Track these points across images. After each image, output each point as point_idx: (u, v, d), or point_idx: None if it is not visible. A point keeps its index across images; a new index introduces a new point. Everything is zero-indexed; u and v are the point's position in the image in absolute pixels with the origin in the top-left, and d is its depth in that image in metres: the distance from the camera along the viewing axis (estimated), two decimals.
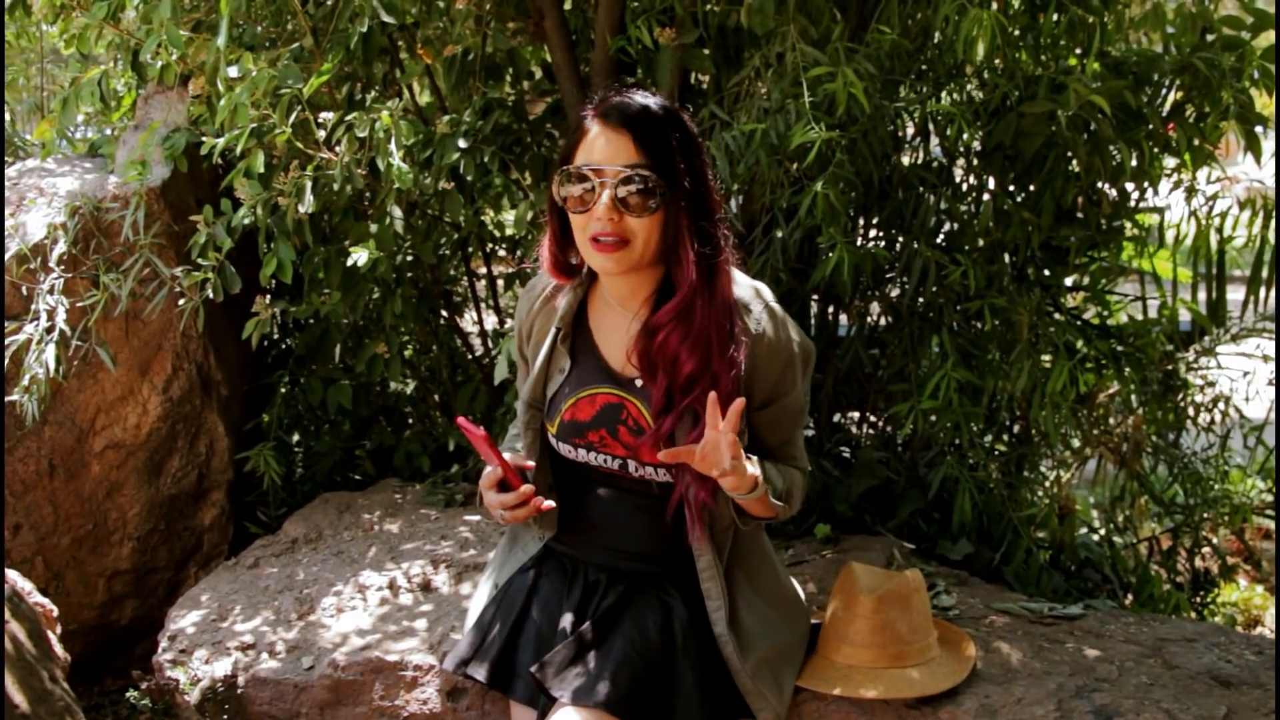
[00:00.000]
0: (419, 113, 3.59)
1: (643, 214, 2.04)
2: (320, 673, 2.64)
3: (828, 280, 2.97)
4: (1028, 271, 3.36)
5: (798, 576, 2.78)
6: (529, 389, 2.32)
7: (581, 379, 2.26)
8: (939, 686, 2.31)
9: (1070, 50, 3.12)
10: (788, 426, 2.26)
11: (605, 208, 2.04)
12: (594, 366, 2.26)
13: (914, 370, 3.26)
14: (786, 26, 2.87)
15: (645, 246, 2.08)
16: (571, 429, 2.26)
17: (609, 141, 2.06)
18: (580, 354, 2.28)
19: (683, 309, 2.09)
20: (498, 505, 2.17)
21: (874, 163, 3.02)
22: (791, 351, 2.21)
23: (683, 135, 2.10)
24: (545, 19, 3.33)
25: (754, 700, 2.23)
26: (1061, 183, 3.08)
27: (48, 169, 3.60)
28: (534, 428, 2.34)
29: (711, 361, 2.10)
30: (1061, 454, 3.77)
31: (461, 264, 3.96)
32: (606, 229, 2.05)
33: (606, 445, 2.24)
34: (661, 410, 2.15)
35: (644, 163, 2.04)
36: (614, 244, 2.07)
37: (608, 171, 2.04)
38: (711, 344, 2.09)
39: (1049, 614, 2.74)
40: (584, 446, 2.26)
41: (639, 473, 2.24)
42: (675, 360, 2.10)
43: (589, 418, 2.25)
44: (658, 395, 2.15)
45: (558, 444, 2.30)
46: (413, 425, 4.09)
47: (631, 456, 2.22)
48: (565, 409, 2.26)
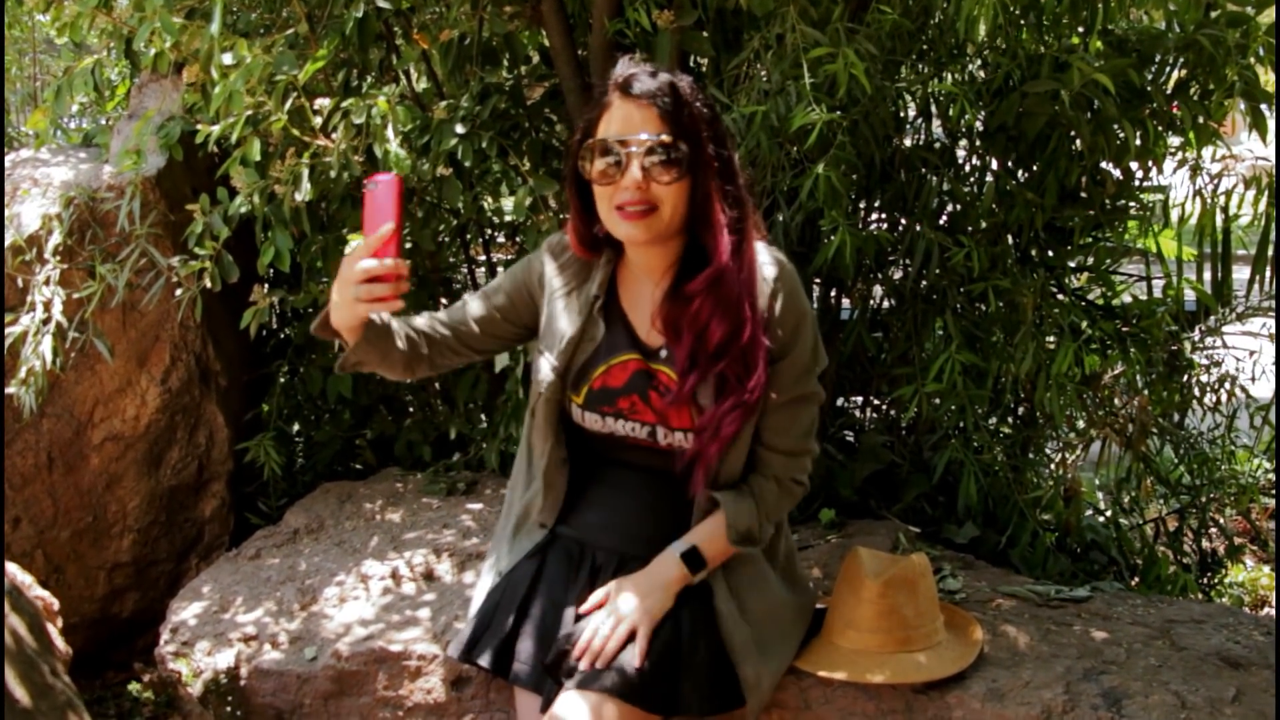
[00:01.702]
0: (416, 99, 3.56)
1: (671, 182, 2.08)
2: (323, 663, 2.62)
3: (830, 263, 2.95)
4: (1031, 253, 3.34)
5: (803, 561, 2.76)
6: (559, 356, 2.28)
7: (612, 346, 2.27)
8: (946, 671, 2.29)
9: (1073, 28, 3.10)
10: (790, 385, 2.25)
11: (631, 178, 2.07)
12: (623, 335, 2.28)
13: (918, 353, 3.24)
14: (786, 8, 2.84)
15: (673, 214, 2.11)
16: (602, 396, 2.27)
17: (633, 114, 2.09)
18: (610, 324, 2.29)
19: (715, 277, 2.12)
20: (363, 275, 2.05)
21: (876, 144, 3.00)
22: (804, 310, 2.25)
23: (703, 105, 2.13)
24: (542, 2, 3.30)
25: (746, 679, 2.22)
26: (1065, 162, 3.06)
27: (42, 159, 3.58)
28: (558, 399, 2.31)
29: (742, 329, 2.13)
30: (1066, 436, 3.75)
31: (460, 251, 3.94)
32: (634, 197, 2.08)
33: (637, 411, 2.25)
34: (685, 372, 2.17)
35: (669, 131, 2.07)
36: (641, 212, 2.10)
37: (633, 142, 2.07)
38: (742, 311, 2.13)
39: (1056, 597, 2.72)
40: (613, 414, 2.26)
41: (666, 440, 2.25)
42: (705, 328, 2.13)
43: (620, 384, 2.26)
44: (682, 356, 2.17)
45: (583, 414, 2.29)
46: (413, 414, 4.07)
47: (660, 422, 2.23)
48: (596, 376, 2.27)
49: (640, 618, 2.13)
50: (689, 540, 2.24)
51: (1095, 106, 2.93)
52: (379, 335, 2.22)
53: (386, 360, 2.27)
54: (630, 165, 2.07)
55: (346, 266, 2.08)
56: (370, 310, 2.11)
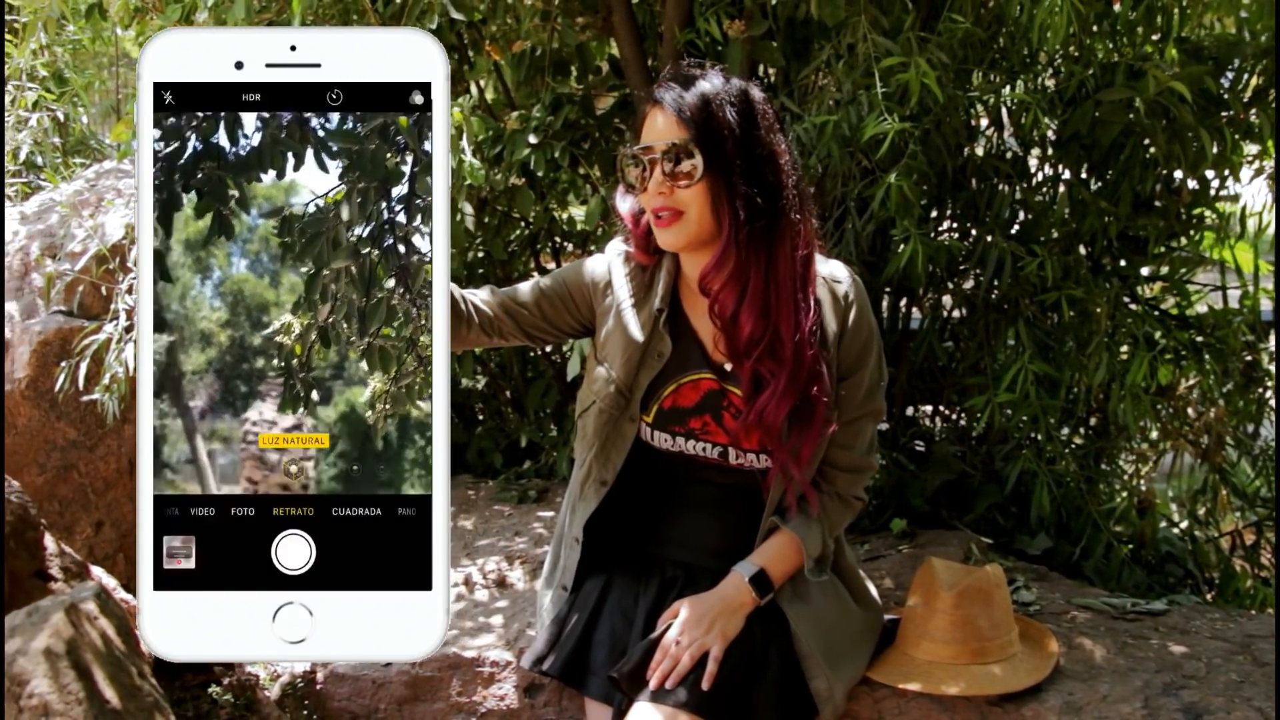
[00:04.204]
0: (488, 109, 3.59)
1: (689, 185, 2.07)
2: (398, 669, 2.65)
3: (901, 273, 2.94)
4: (1104, 262, 3.31)
5: (874, 571, 2.76)
6: (620, 370, 2.25)
7: (682, 364, 2.25)
8: (1022, 683, 2.27)
9: (1147, 36, 3.07)
10: (860, 402, 2.24)
11: (655, 183, 2.09)
12: (694, 352, 2.25)
13: (989, 363, 3.22)
14: (857, 17, 2.84)
15: (699, 217, 2.10)
16: (672, 416, 2.25)
17: (656, 120, 2.11)
18: (678, 339, 2.26)
19: (720, 264, 2.10)
20: None
21: (947, 153, 2.99)
22: (873, 326, 2.25)
23: (736, 107, 2.10)
24: (613, 13, 3.32)
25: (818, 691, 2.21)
26: (1140, 171, 3.03)
27: (124, 170, 3.65)
28: (613, 414, 2.28)
29: (777, 323, 2.10)
30: (1140, 447, 3.71)
31: (531, 259, 3.96)
32: (660, 204, 2.10)
33: (709, 432, 2.23)
34: (750, 393, 2.15)
35: (686, 136, 2.06)
36: (669, 217, 2.10)
37: (655, 149, 2.08)
38: (770, 304, 2.10)
39: (1132, 609, 2.70)
40: (684, 434, 2.25)
41: (738, 460, 2.24)
42: (735, 320, 2.11)
43: (692, 403, 2.24)
44: (745, 377, 2.15)
45: (652, 433, 2.27)
46: (484, 422, 4.10)
47: (733, 443, 2.22)
48: (666, 395, 2.25)
49: (713, 639, 2.12)
50: (756, 563, 2.22)
51: (1171, 114, 2.91)
52: None
53: None
54: (652, 172, 2.09)
55: None
56: None
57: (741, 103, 2.11)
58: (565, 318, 2.34)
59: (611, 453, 2.30)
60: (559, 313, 2.33)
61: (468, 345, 2.35)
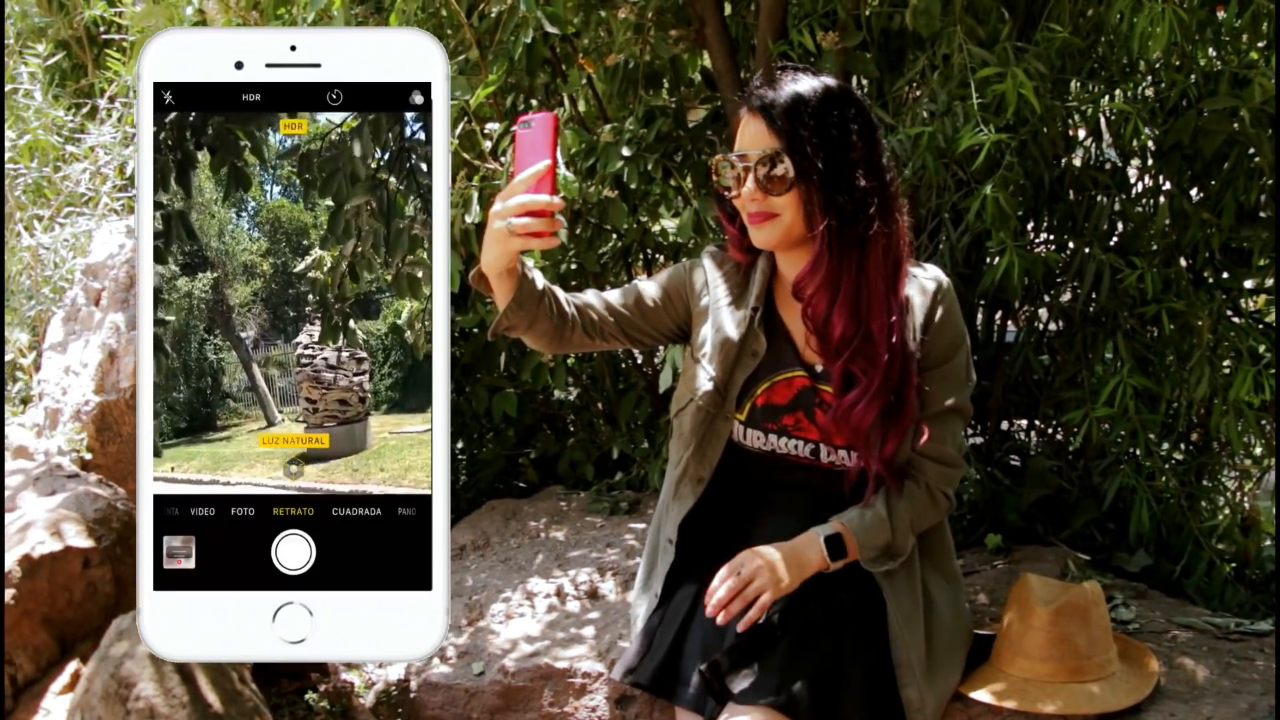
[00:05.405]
0: (581, 122, 3.62)
1: (782, 192, 2.12)
2: (490, 678, 2.68)
3: (996, 285, 2.91)
4: (1206, 274, 3.24)
5: (968, 587, 2.73)
6: (717, 368, 2.30)
7: (777, 363, 2.29)
8: (1121, 703, 2.23)
9: (1253, 43, 3.01)
10: (948, 393, 2.26)
11: (749, 191, 2.15)
12: (788, 350, 2.30)
13: (1087, 377, 3.17)
14: (953, 27, 2.82)
15: (794, 220, 2.15)
16: (766, 413, 2.29)
17: (750, 127, 2.17)
18: (772, 338, 2.30)
19: (814, 270, 2.14)
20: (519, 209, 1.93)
21: (1044, 164, 2.96)
22: (962, 325, 2.29)
23: (828, 114, 2.12)
24: (706, 26, 3.33)
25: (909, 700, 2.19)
26: (1244, 181, 2.96)
27: None
28: (709, 411, 2.31)
29: (869, 324, 2.14)
30: (1243, 463, 3.62)
31: (623, 271, 3.98)
32: (756, 209, 2.16)
33: (801, 429, 2.27)
34: (840, 391, 2.18)
35: (778, 145, 2.11)
36: (763, 217, 2.16)
37: (749, 157, 2.14)
38: (861, 306, 2.13)
39: (1235, 629, 2.63)
40: (776, 432, 2.28)
41: (829, 458, 2.27)
42: (827, 322, 2.15)
43: (786, 400, 2.28)
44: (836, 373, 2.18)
45: (745, 431, 2.31)
46: (576, 433, 4.12)
47: (824, 440, 2.25)
48: (760, 393, 2.29)
49: (766, 583, 2.11)
50: (835, 526, 2.21)
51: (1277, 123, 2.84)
52: (529, 298, 2.15)
53: (535, 328, 2.21)
54: (746, 179, 2.14)
55: (500, 201, 1.98)
56: (524, 246, 2.00)
57: (834, 106, 2.14)
58: (664, 319, 2.40)
59: (708, 450, 2.34)
60: (658, 314, 2.39)
61: (571, 348, 2.37)
